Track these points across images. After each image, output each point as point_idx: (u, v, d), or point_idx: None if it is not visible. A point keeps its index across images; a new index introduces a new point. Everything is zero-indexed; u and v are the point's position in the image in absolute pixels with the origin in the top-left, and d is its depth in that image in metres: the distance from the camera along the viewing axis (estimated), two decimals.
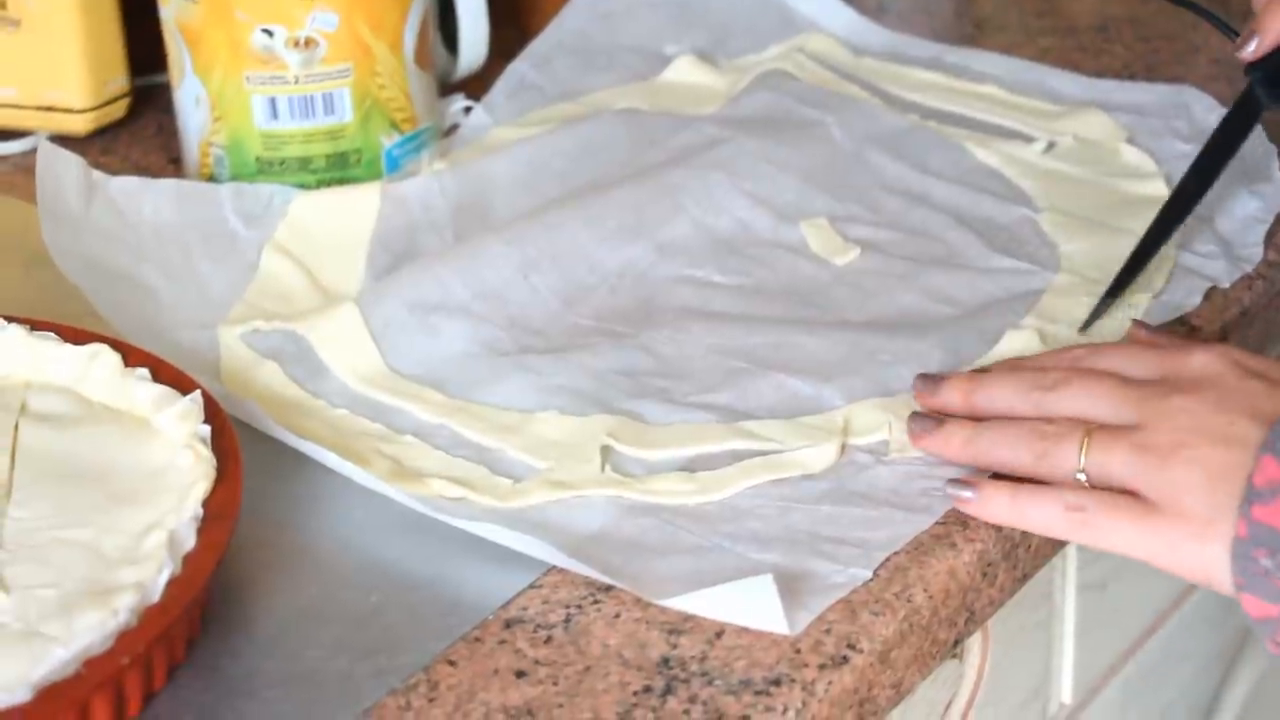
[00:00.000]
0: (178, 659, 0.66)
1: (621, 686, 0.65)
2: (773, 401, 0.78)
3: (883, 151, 0.96)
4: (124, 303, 0.84)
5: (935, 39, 1.10)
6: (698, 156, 0.93)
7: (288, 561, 0.71)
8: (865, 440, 0.76)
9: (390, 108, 0.95)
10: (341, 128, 0.94)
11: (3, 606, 0.65)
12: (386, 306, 0.83)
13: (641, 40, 1.08)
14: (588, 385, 0.79)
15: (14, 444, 0.72)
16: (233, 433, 0.71)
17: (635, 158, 0.95)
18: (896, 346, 0.81)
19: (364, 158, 0.95)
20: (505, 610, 0.69)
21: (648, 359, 0.81)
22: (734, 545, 0.71)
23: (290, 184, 0.94)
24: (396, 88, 0.95)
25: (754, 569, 0.69)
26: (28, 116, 1.01)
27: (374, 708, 0.64)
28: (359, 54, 0.94)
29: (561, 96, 1.04)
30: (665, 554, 0.70)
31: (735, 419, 0.77)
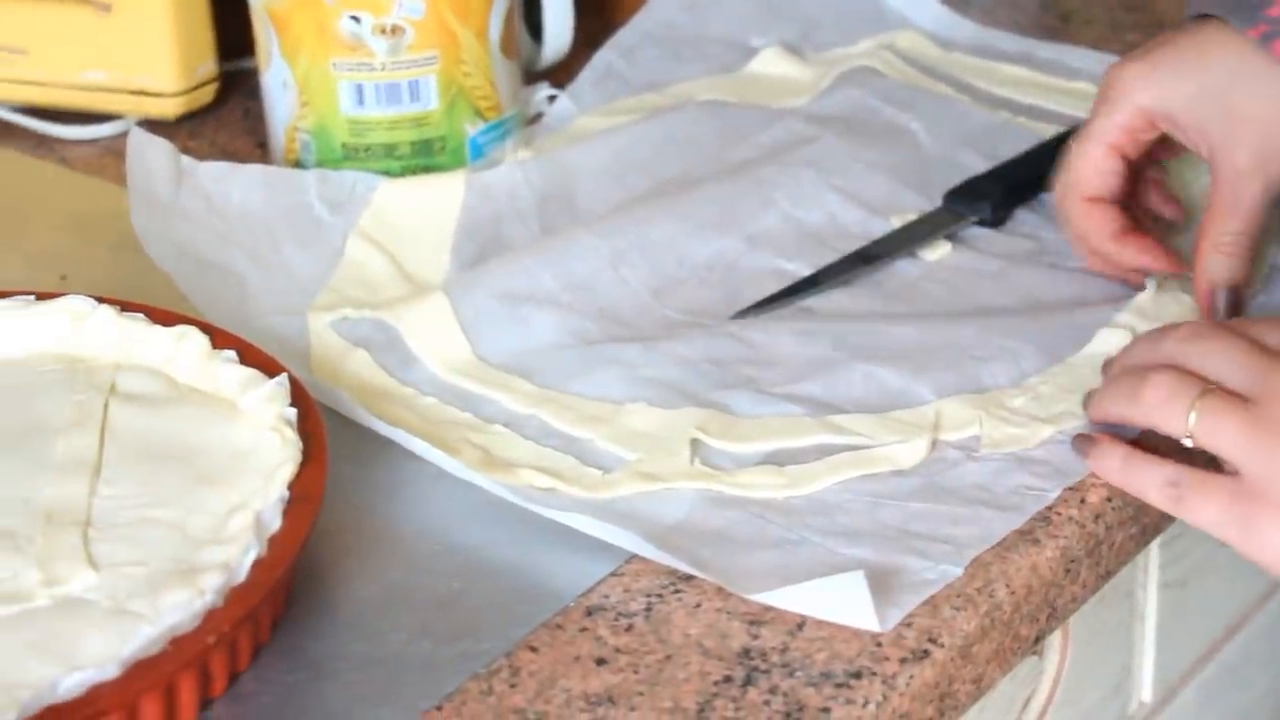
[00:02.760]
0: (262, 639, 0.67)
1: (702, 676, 0.65)
2: (861, 393, 0.78)
3: (972, 150, 0.95)
4: (212, 288, 0.85)
5: (1020, 32, 1.10)
6: (787, 154, 0.93)
7: (371, 546, 0.72)
8: (956, 436, 0.76)
9: (475, 95, 0.96)
10: (427, 115, 0.95)
11: (92, 584, 0.65)
12: (476, 296, 0.83)
13: (728, 31, 1.08)
14: (676, 375, 0.79)
15: (103, 423, 0.73)
16: (318, 416, 0.72)
17: (721, 151, 0.95)
18: (988, 342, 0.80)
19: (448, 145, 0.96)
20: (586, 598, 0.69)
21: (736, 345, 0.81)
22: (823, 540, 0.71)
23: (375, 170, 0.94)
24: (482, 75, 0.96)
25: (843, 564, 0.69)
26: (118, 100, 1.02)
27: (456, 692, 0.65)
28: (445, 41, 0.94)
29: (647, 86, 1.04)
30: (753, 547, 0.70)
31: (824, 412, 0.77)
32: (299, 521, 0.67)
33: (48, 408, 0.74)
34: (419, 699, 0.64)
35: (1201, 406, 0.69)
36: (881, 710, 0.64)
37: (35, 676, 0.61)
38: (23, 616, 0.64)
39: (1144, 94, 0.82)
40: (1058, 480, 0.74)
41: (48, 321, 0.77)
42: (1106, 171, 0.83)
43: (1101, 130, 0.83)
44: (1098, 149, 0.83)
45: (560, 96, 1.03)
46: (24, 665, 0.62)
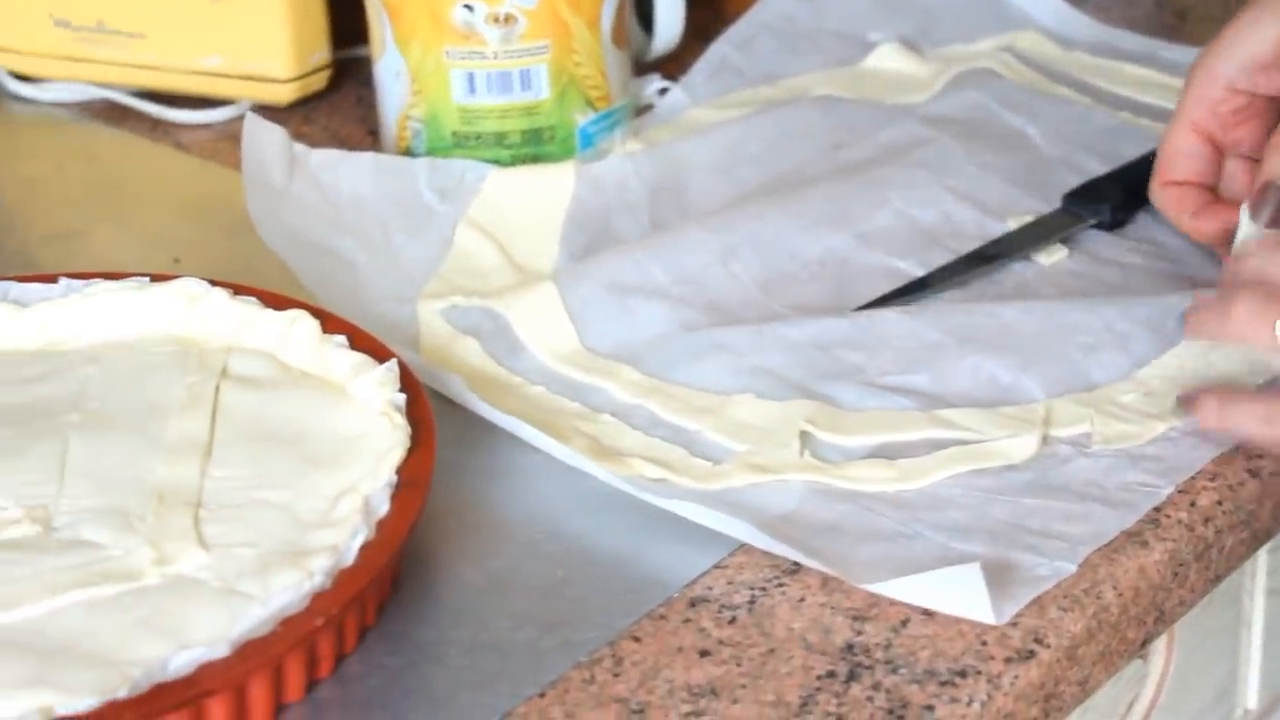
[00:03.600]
0: (368, 623, 0.67)
1: (805, 670, 0.65)
2: (969, 386, 0.78)
3: (1091, 152, 0.94)
4: (324, 274, 0.85)
5: (1136, 30, 1.09)
6: (902, 155, 0.93)
7: (476, 532, 0.72)
8: (1066, 432, 0.75)
9: (586, 85, 0.96)
10: (537, 104, 0.95)
11: (202, 563, 0.66)
12: (584, 286, 0.83)
13: (846, 25, 1.08)
14: (783, 363, 0.79)
15: (215, 405, 0.74)
16: (427, 402, 0.72)
17: (834, 148, 0.95)
18: (1098, 326, 0.79)
19: (558, 134, 0.96)
20: (690, 589, 0.69)
21: (845, 327, 0.80)
22: (935, 534, 0.70)
23: (485, 159, 0.95)
24: (593, 65, 0.96)
25: (956, 558, 0.68)
26: (232, 85, 1.03)
27: (558, 680, 0.65)
28: (557, 31, 0.94)
29: (761, 79, 1.04)
30: (865, 540, 0.70)
31: (933, 406, 0.77)
32: (407, 506, 0.67)
33: (160, 389, 0.75)
34: (522, 685, 0.65)
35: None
36: (986, 710, 0.64)
37: (146, 654, 0.62)
38: (134, 594, 0.65)
39: (1214, 59, 0.82)
40: (1171, 477, 0.73)
41: (162, 303, 0.78)
42: (1187, 153, 0.83)
43: (1180, 109, 0.83)
44: (1177, 129, 0.83)
45: (672, 88, 1.03)
46: (135, 642, 0.62)
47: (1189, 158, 0.83)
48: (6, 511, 0.68)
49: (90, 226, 0.94)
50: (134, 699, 0.59)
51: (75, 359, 0.76)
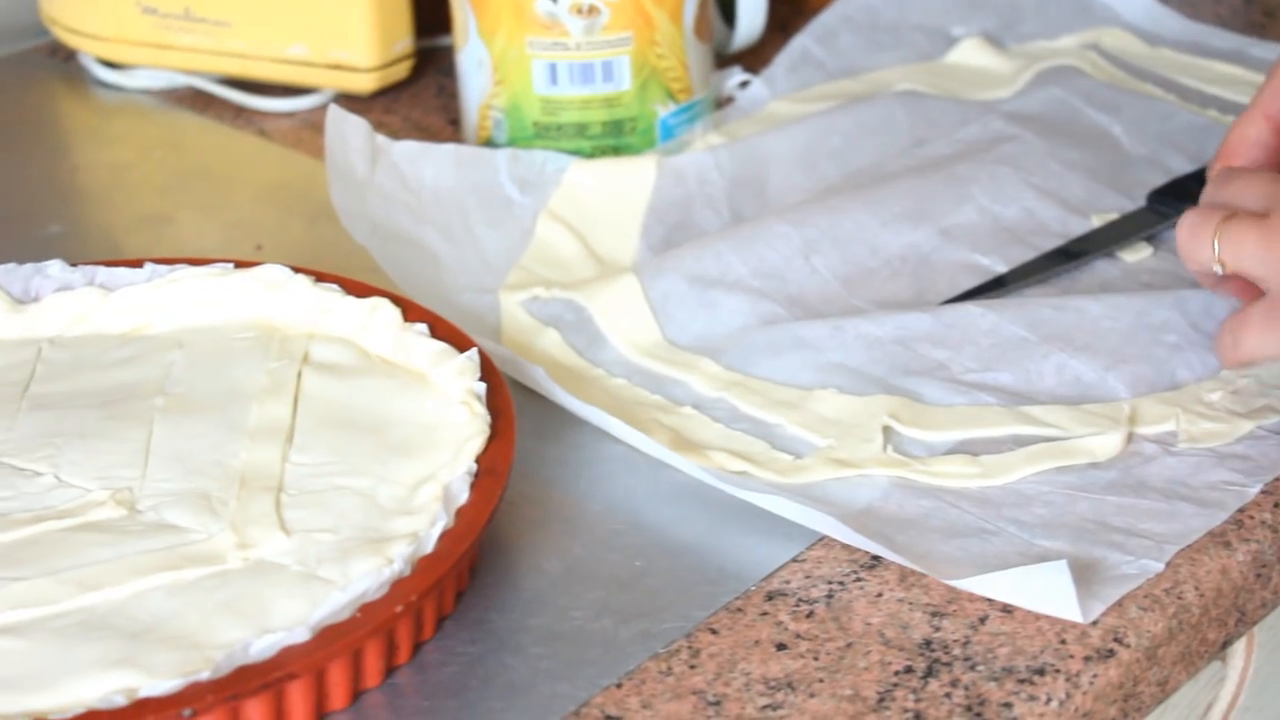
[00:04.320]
0: (446, 610, 0.67)
1: (882, 666, 0.65)
2: (1054, 384, 0.77)
3: (1177, 150, 0.94)
4: (407, 264, 0.86)
5: (1222, 27, 1.08)
6: (986, 151, 0.92)
7: (555, 521, 0.72)
8: (1152, 430, 0.75)
9: (668, 77, 0.96)
10: (619, 96, 0.95)
11: (283, 548, 0.66)
12: (666, 279, 0.83)
13: (930, 19, 1.07)
14: (865, 359, 0.79)
15: (296, 391, 0.74)
16: (507, 392, 0.72)
17: (916, 143, 0.95)
18: (1183, 324, 0.79)
19: (639, 126, 0.96)
20: (768, 582, 0.69)
21: (925, 320, 0.80)
22: (1019, 531, 0.70)
23: (566, 150, 0.95)
24: (675, 58, 0.96)
25: (1040, 555, 0.68)
26: (316, 74, 1.04)
27: (635, 670, 0.65)
28: (640, 23, 0.94)
29: (843, 73, 1.03)
30: (949, 536, 0.70)
31: (1016, 402, 0.76)
32: (486, 495, 0.67)
33: (243, 374, 0.75)
34: (599, 676, 0.65)
35: (1222, 231, 0.70)
36: (1064, 708, 0.63)
37: (228, 637, 0.62)
38: (216, 578, 0.65)
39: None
40: (1258, 476, 0.72)
41: (245, 289, 0.78)
42: (1253, 140, 0.82)
43: (1257, 98, 0.82)
44: (1250, 116, 0.82)
45: (753, 81, 1.02)
46: (217, 625, 0.63)
47: (1254, 145, 0.82)
48: (92, 494, 0.69)
49: (175, 213, 0.95)
50: (216, 681, 0.59)
51: (160, 343, 0.77)
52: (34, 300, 0.79)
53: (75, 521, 0.68)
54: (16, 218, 0.95)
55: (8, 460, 0.71)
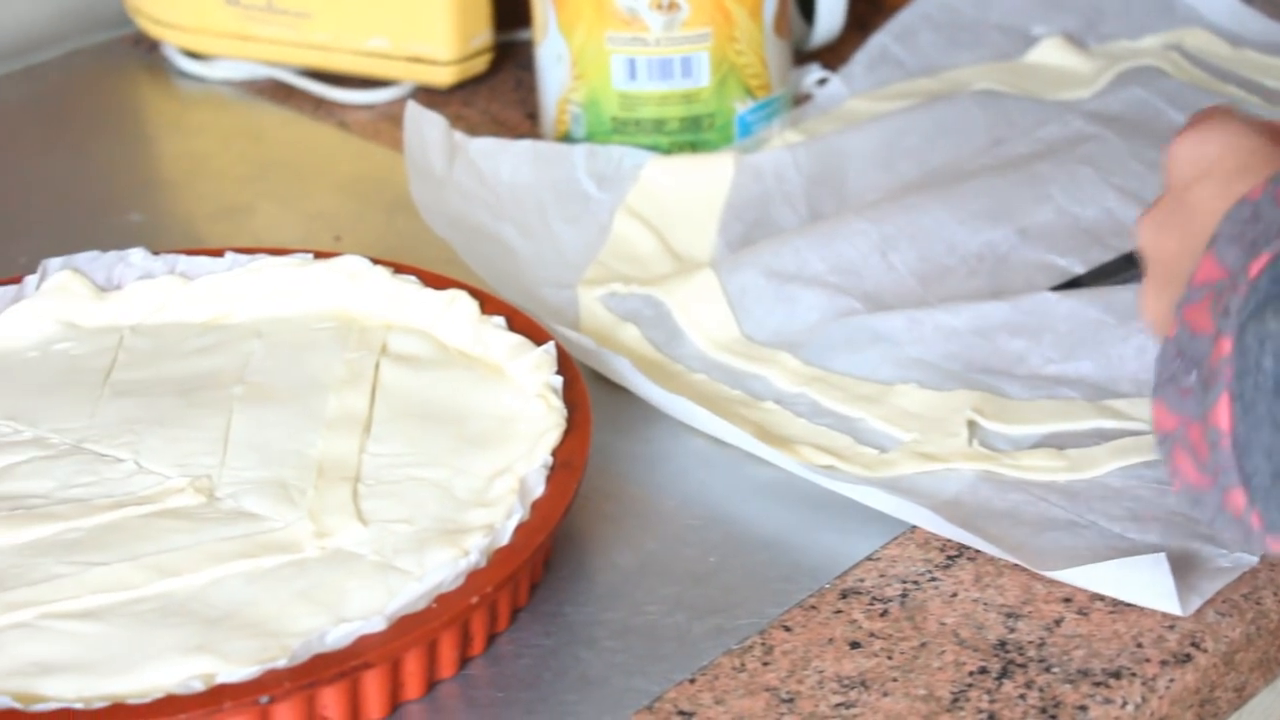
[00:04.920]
0: (520, 602, 0.68)
1: (957, 666, 0.65)
2: (1135, 368, 0.77)
3: None
4: (487, 259, 0.86)
5: None
6: (1066, 151, 0.92)
7: (629, 515, 0.72)
8: None
9: (746, 74, 0.96)
10: (697, 92, 0.95)
11: (360, 538, 0.67)
12: (744, 274, 0.83)
13: (1010, 18, 1.06)
14: (943, 353, 0.78)
15: (374, 382, 0.75)
16: (583, 385, 0.73)
17: (995, 142, 0.94)
18: None
19: (717, 122, 0.96)
20: (842, 580, 0.69)
21: (1002, 309, 0.80)
22: (1110, 524, 0.70)
23: (644, 145, 0.95)
24: (754, 54, 0.96)
25: (1133, 548, 0.68)
26: (395, 67, 1.04)
27: (709, 666, 0.65)
28: (719, 19, 0.94)
29: (922, 71, 1.03)
30: (1039, 529, 0.70)
31: (1100, 396, 0.76)
32: (562, 488, 0.68)
33: (321, 364, 0.76)
34: (672, 671, 0.65)
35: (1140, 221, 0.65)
36: (1140, 712, 0.63)
37: (304, 625, 0.63)
38: (294, 566, 0.66)
39: None
40: None
41: (324, 280, 0.79)
42: None
43: None
44: None
45: (832, 79, 1.02)
46: (294, 613, 0.63)
47: None
48: (171, 481, 0.70)
49: (254, 203, 0.96)
50: (293, 669, 0.60)
51: (240, 332, 0.78)
52: (116, 288, 0.79)
53: (155, 508, 0.69)
54: (99, 206, 0.95)
55: (90, 446, 0.72)
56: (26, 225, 0.94)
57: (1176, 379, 0.59)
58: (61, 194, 0.97)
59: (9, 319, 0.77)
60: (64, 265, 0.79)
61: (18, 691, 0.60)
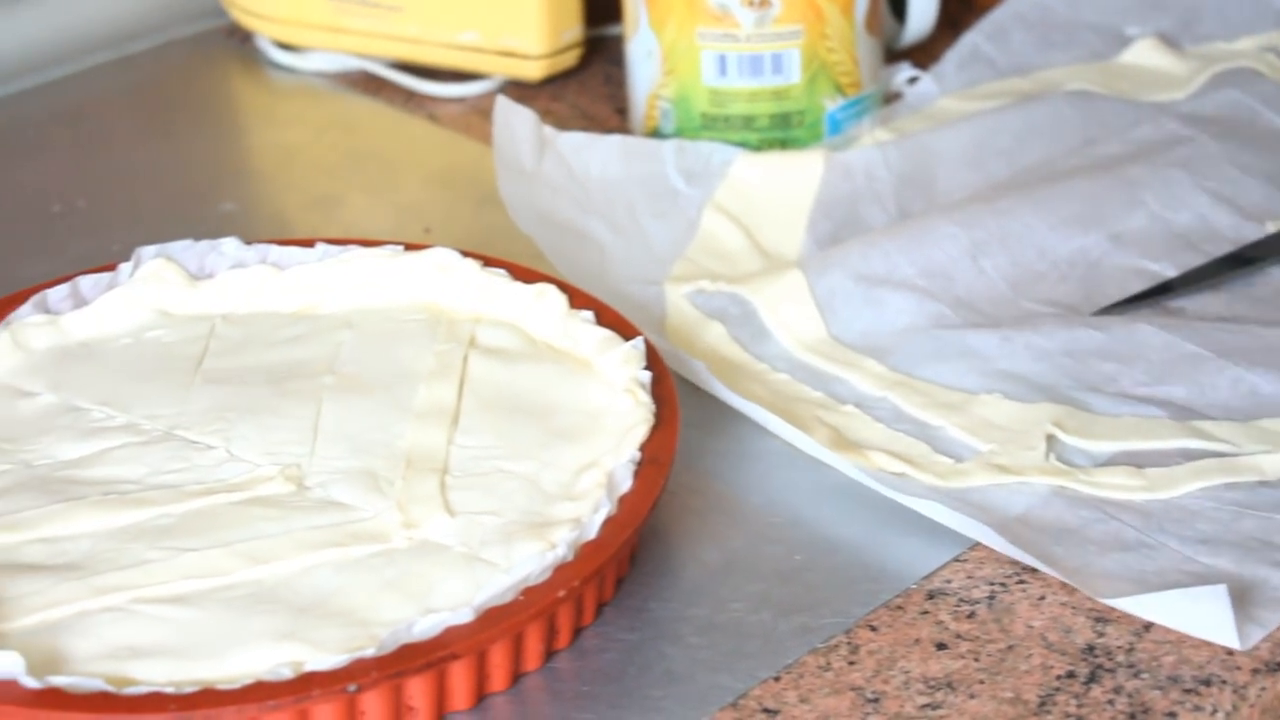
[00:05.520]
0: (606, 597, 0.68)
1: (1044, 669, 0.64)
2: (1228, 397, 0.76)
3: None
4: (573, 254, 0.86)
5: None
6: (1158, 153, 0.91)
7: (715, 512, 0.72)
8: None
9: (837, 71, 0.96)
10: (787, 89, 0.95)
11: (448, 529, 0.67)
12: (832, 276, 0.83)
13: (1104, 18, 1.06)
14: (1032, 369, 0.78)
15: (462, 374, 0.75)
16: (671, 382, 0.73)
17: (1086, 144, 0.94)
18: None
19: (806, 119, 0.96)
20: (928, 581, 0.69)
21: (1097, 338, 0.79)
22: (1180, 546, 0.69)
23: (733, 141, 0.95)
24: (845, 52, 0.96)
25: (1202, 573, 0.67)
26: (486, 60, 1.04)
27: (794, 664, 0.65)
28: (811, 16, 0.94)
29: (1013, 71, 1.02)
30: (1107, 549, 0.69)
31: (1187, 417, 0.75)
32: (649, 484, 0.68)
33: (411, 355, 0.76)
34: (757, 668, 0.65)
35: None
36: None
37: (392, 615, 0.63)
38: (382, 556, 0.66)
39: None
40: None
41: (415, 272, 0.79)
42: None
43: None
44: None
45: (922, 77, 1.02)
46: (382, 603, 0.64)
47: None
48: (261, 469, 0.70)
49: (345, 194, 0.96)
50: (381, 658, 0.60)
51: (330, 322, 0.78)
52: (208, 277, 0.80)
53: (245, 495, 0.69)
54: (192, 195, 0.96)
55: (181, 433, 0.72)
56: (120, 213, 0.95)
57: None
58: (155, 183, 0.98)
59: (103, 306, 0.78)
60: (158, 253, 0.80)
61: (109, 674, 0.61)
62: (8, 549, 0.67)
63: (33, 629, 0.63)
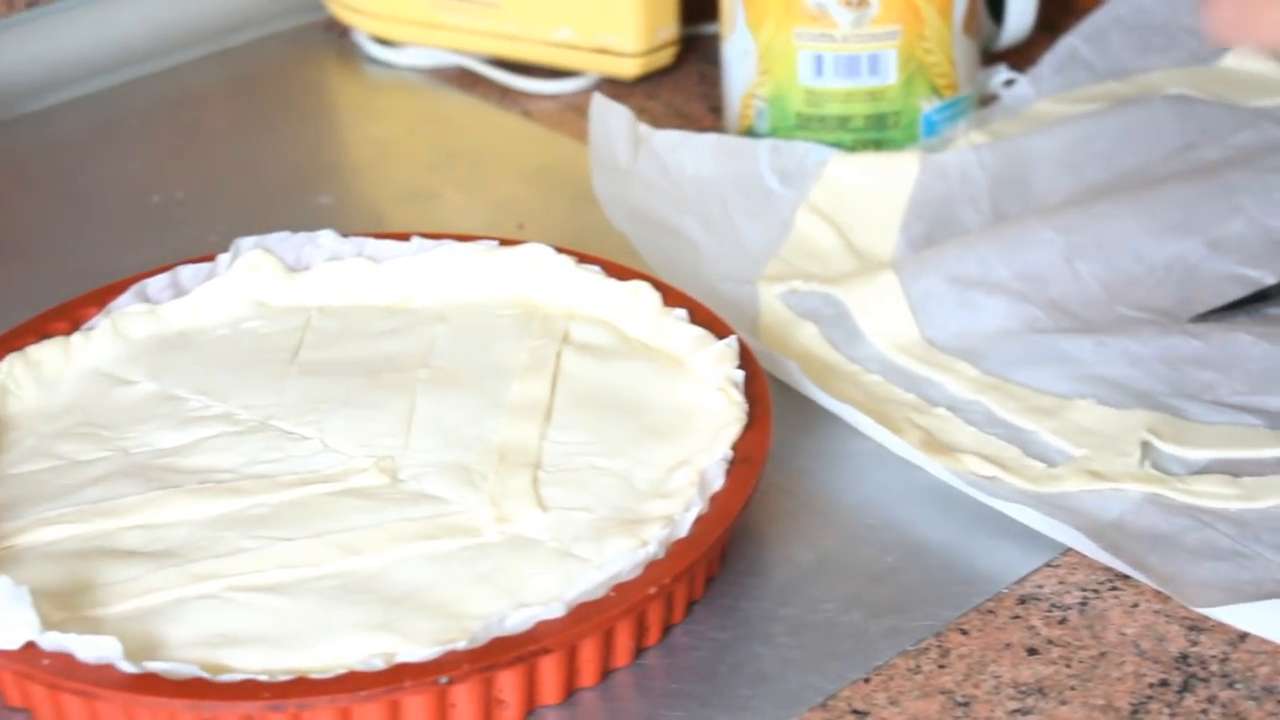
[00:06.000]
0: (697, 595, 0.68)
1: (1136, 677, 0.64)
2: None
3: None
4: (666, 252, 0.86)
5: None
6: (1259, 159, 0.90)
7: (807, 512, 0.72)
8: None
9: (933, 73, 0.95)
10: (883, 89, 0.95)
11: (541, 525, 0.67)
12: (926, 278, 0.83)
13: None
14: (1128, 374, 0.77)
15: (555, 370, 0.75)
16: (764, 381, 0.72)
17: (1185, 149, 0.93)
18: None
19: (902, 121, 0.96)
20: (1020, 586, 0.68)
21: (1194, 345, 0.78)
22: (1276, 556, 0.68)
23: (827, 142, 0.94)
24: (942, 53, 0.95)
25: None
26: (581, 58, 1.05)
27: (884, 666, 0.65)
28: (909, 17, 0.94)
29: (1111, 74, 1.01)
30: (1201, 557, 0.68)
31: None
32: (742, 482, 0.68)
33: (504, 350, 0.76)
34: (847, 669, 0.65)
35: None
36: None
37: (484, 608, 0.63)
38: (474, 549, 0.66)
39: None
40: None
41: (509, 267, 0.79)
42: None
43: None
44: None
45: (1019, 80, 1.01)
46: (473, 596, 0.64)
47: None
48: (355, 460, 0.71)
49: (439, 189, 0.97)
50: (472, 651, 0.60)
51: (424, 316, 0.79)
52: (305, 269, 0.80)
53: (338, 486, 0.70)
54: (289, 188, 0.97)
55: (276, 423, 0.73)
56: (218, 205, 0.95)
57: None
58: (252, 175, 0.99)
59: (201, 296, 0.79)
60: (256, 245, 0.80)
61: (204, 661, 0.61)
62: (106, 535, 0.67)
63: (129, 614, 0.64)
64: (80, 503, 0.69)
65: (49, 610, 0.62)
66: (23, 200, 0.98)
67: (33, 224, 0.95)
